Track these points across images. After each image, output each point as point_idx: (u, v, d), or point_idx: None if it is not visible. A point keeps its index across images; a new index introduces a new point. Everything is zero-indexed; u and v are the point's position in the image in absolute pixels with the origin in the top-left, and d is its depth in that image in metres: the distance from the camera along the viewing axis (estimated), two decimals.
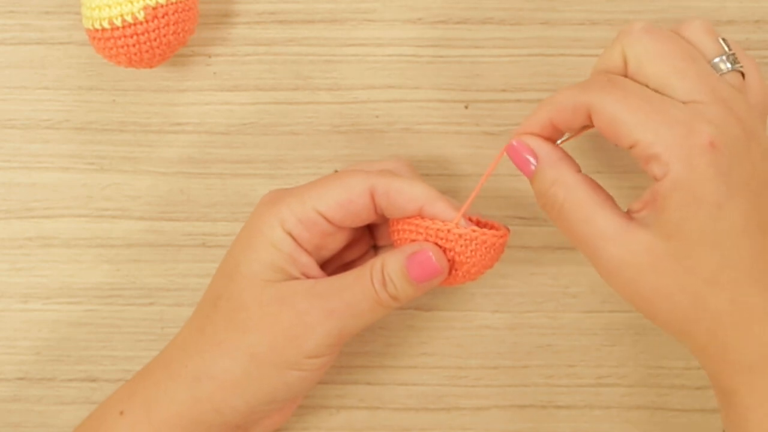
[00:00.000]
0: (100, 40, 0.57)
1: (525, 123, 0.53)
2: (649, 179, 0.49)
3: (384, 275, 0.53)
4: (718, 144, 0.48)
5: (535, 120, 0.52)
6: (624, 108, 0.49)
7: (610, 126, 0.49)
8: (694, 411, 0.61)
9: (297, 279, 0.53)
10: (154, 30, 0.56)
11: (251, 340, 0.53)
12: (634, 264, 0.49)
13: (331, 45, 0.62)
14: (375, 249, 0.59)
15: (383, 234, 0.58)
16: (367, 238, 0.59)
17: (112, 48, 0.57)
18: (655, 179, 0.48)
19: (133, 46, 0.57)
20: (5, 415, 0.62)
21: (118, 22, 0.56)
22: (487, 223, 0.55)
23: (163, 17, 0.56)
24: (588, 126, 0.52)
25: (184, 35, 0.58)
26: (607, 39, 0.61)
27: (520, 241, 0.61)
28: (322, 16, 0.62)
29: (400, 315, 0.61)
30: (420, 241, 0.53)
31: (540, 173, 0.52)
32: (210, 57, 0.62)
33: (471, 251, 0.53)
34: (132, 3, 0.56)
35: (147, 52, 0.57)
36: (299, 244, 0.53)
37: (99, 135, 0.62)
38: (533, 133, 0.53)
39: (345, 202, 0.53)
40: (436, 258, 0.53)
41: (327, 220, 0.53)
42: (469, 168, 0.61)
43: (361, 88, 0.62)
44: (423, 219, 0.53)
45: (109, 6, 0.56)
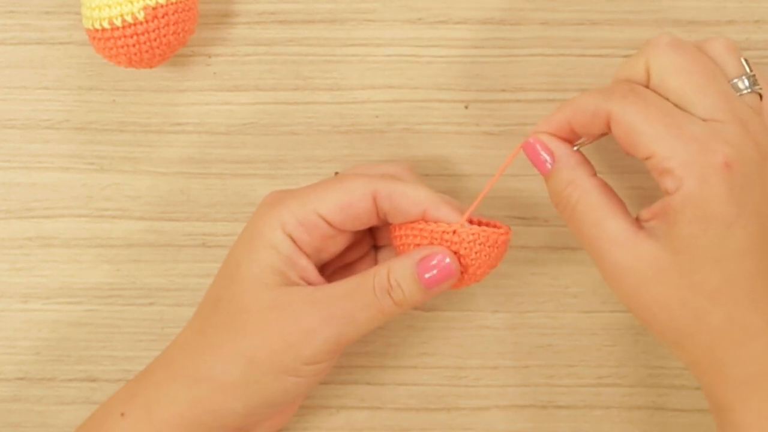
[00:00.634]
0: (100, 40, 0.57)
1: (543, 122, 0.53)
2: (657, 188, 0.50)
3: (390, 282, 0.53)
4: (733, 164, 0.48)
5: (554, 120, 0.53)
6: (644, 119, 0.49)
7: (628, 135, 0.50)
8: (694, 411, 0.61)
9: (296, 284, 0.53)
10: (154, 30, 0.56)
11: (250, 344, 0.53)
12: (638, 272, 0.50)
13: (331, 45, 0.62)
14: (375, 250, 0.59)
15: (383, 235, 0.58)
16: (368, 239, 0.59)
17: (112, 48, 0.57)
18: (667, 192, 0.49)
19: (133, 46, 0.57)
20: (5, 415, 0.62)
21: (118, 22, 0.56)
22: (489, 223, 0.55)
23: (163, 17, 0.56)
24: (605, 132, 0.52)
25: (184, 35, 0.58)
26: (607, 39, 0.61)
27: (520, 241, 0.61)
28: (322, 16, 0.62)
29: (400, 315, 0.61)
30: (426, 245, 0.53)
31: (556, 173, 0.53)
32: (210, 57, 0.62)
33: (476, 252, 0.53)
34: (132, 3, 0.56)
35: (147, 52, 0.57)
36: (299, 246, 0.53)
37: (99, 135, 0.62)
38: (550, 133, 0.53)
39: (346, 205, 0.53)
40: (450, 260, 0.53)
41: (328, 223, 0.53)
42: (469, 168, 0.61)
43: (361, 88, 0.62)
44: (427, 223, 0.53)
45: (109, 6, 0.56)
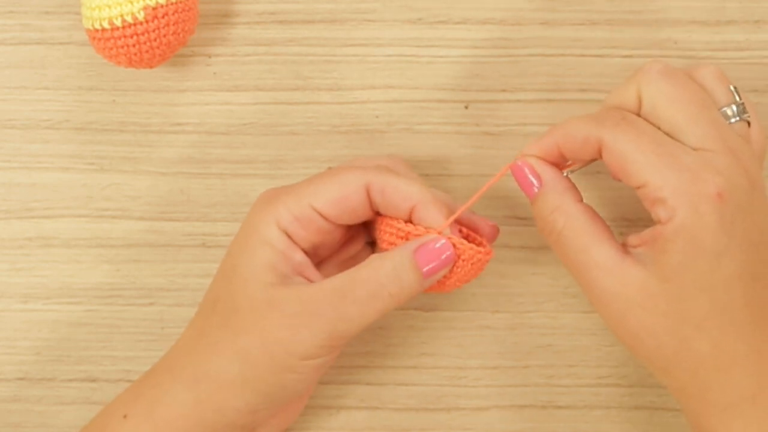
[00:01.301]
0: (100, 40, 0.57)
1: (532, 144, 0.53)
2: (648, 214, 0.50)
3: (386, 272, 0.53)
4: (724, 195, 0.49)
5: (543, 143, 0.53)
6: (636, 148, 0.50)
7: (619, 163, 0.50)
8: None
9: (293, 281, 0.53)
10: (154, 30, 0.56)
11: (245, 342, 0.53)
12: (625, 298, 0.50)
13: (331, 45, 0.62)
14: (371, 246, 0.59)
15: None
16: (363, 235, 0.59)
17: (112, 48, 0.57)
18: (659, 221, 0.50)
19: (133, 46, 0.57)
20: (5, 415, 0.62)
21: (118, 22, 0.56)
22: (475, 239, 0.55)
23: (163, 17, 0.56)
24: (595, 158, 0.52)
25: (184, 35, 0.58)
26: (607, 39, 0.61)
27: (520, 241, 0.61)
28: (322, 16, 0.62)
29: (400, 315, 0.61)
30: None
31: (542, 197, 0.53)
32: (210, 57, 0.62)
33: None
34: (132, 3, 0.56)
35: (147, 52, 0.57)
36: (295, 242, 0.54)
37: (99, 135, 0.62)
38: (539, 156, 0.53)
39: (341, 198, 0.53)
40: (446, 245, 0.53)
41: (323, 216, 0.53)
42: (469, 168, 0.61)
43: (361, 88, 0.62)
44: (407, 224, 0.53)
45: (109, 6, 0.56)
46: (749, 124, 0.52)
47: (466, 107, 0.62)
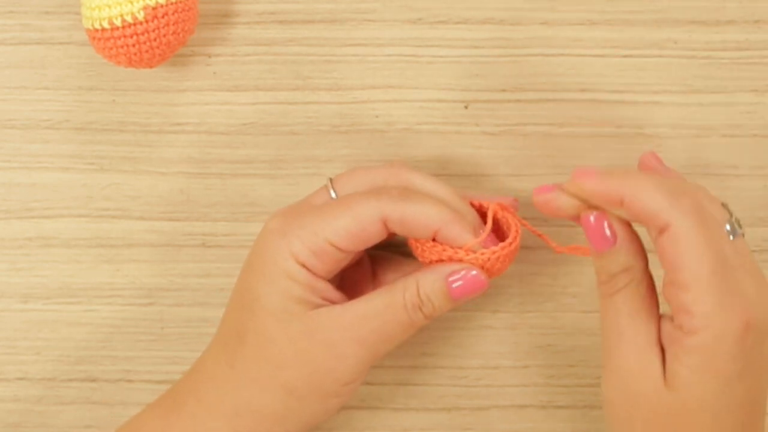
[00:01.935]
0: (100, 40, 0.57)
1: (595, 178, 0.50)
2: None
3: (421, 297, 0.53)
4: (751, 323, 0.48)
5: (609, 187, 0.50)
6: (697, 254, 0.48)
7: (674, 256, 0.48)
8: None
9: (319, 306, 0.54)
10: (154, 30, 0.56)
11: (287, 376, 0.53)
12: (633, 394, 0.50)
13: (331, 45, 0.62)
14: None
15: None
16: None
17: (112, 48, 0.57)
18: (680, 328, 0.49)
19: (133, 46, 0.57)
20: (5, 415, 0.62)
21: (118, 22, 0.56)
22: (500, 219, 0.56)
23: (163, 17, 0.56)
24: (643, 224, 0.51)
25: (184, 35, 0.58)
26: (607, 39, 0.61)
27: (519, 241, 0.61)
28: (322, 16, 0.62)
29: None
30: (446, 261, 0.53)
31: (615, 254, 0.51)
32: (210, 57, 0.62)
33: (491, 265, 0.54)
34: (132, 3, 0.56)
35: (147, 52, 0.57)
36: (314, 273, 0.54)
37: (99, 135, 0.62)
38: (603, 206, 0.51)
39: (357, 232, 0.53)
40: (477, 272, 0.53)
41: (339, 249, 0.53)
42: (469, 168, 0.61)
43: (361, 88, 0.62)
44: (443, 246, 0.53)
45: (109, 6, 0.56)
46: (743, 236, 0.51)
47: (466, 107, 0.62)
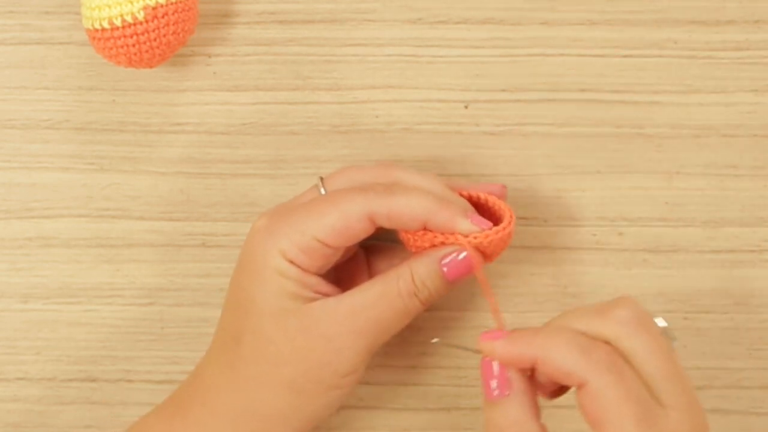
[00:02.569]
0: (100, 40, 0.57)
1: (509, 344, 0.49)
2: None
3: (416, 283, 0.53)
4: None
5: (521, 352, 0.49)
6: (619, 409, 0.47)
7: (596, 412, 0.48)
8: None
9: (313, 300, 0.54)
10: (154, 30, 0.56)
11: (287, 372, 0.53)
12: None
13: (331, 45, 0.62)
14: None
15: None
16: None
17: (112, 48, 0.57)
18: None
19: (133, 46, 0.57)
20: (5, 415, 0.62)
21: (118, 22, 0.56)
22: (492, 206, 0.55)
23: (163, 17, 0.56)
24: (563, 389, 0.51)
25: (184, 35, 0.58)
26: (607, 39, 0.61)
27: (520, 241, 0.61)
28: (322, 16, 0.62)
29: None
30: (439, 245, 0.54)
31: (504, 406, 0.50)
32: (210, 57, 0.62)
33: (482, 251, 0.54)
34: (132, 3, 0.56)
35: (147, 52, 0.57)
36: (303, 269, 0.54)
37: (99, 135, 0.62)
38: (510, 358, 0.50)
39: (344, 228, 0.53)
40: (470, 252, 0.53)
41: (326, 245, 0.54)
42: (469, 168, 0.61)
43: (361, 88, 0.62)
44: (434, 234, 0.53)
45: (109, 6, 0.56)
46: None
47: (466, 107, 0.62)
